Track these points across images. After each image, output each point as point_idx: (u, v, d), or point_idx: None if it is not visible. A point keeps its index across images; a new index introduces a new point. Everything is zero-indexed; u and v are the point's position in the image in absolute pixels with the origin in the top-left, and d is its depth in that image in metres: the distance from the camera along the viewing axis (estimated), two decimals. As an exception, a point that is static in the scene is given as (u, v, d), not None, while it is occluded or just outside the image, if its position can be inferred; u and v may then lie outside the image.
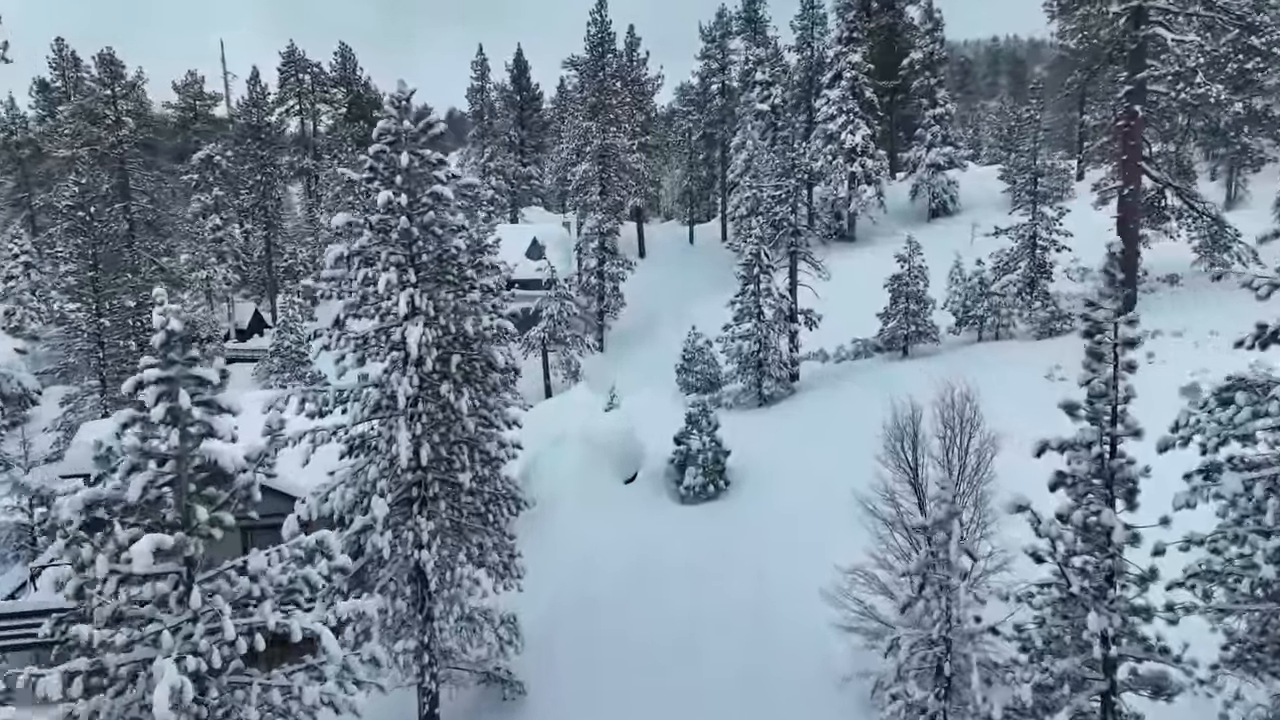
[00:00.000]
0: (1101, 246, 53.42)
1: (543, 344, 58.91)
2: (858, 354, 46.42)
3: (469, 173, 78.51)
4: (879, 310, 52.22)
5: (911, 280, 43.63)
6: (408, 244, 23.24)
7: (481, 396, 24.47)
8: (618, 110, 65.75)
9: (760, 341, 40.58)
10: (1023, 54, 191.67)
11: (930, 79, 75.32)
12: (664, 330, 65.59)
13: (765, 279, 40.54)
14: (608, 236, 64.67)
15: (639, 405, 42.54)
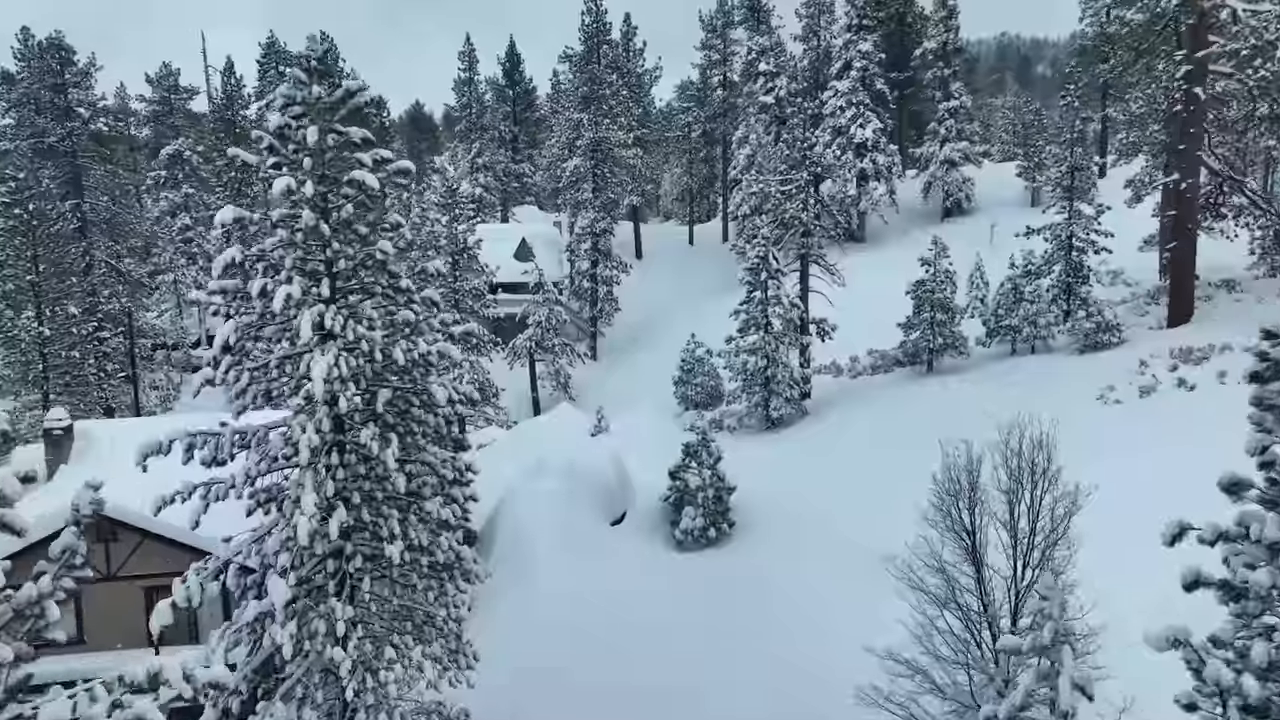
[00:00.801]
0: (1133, 247, 44.76)
1: (529, 353, 53.28)
2: (875, 368, 40.79)
3: (458, 170, 72.82)
4: (898, 319, 46.81)
5: (937, 286, 37.96)
6: (320, 247, 17.58)
7: (418, 443, 18.72)
8: (611, 101, 60.18)
9: (768, 356, 34.98)
10: (1026, 51, 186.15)
11: (944, 70, 69.58)
12: (662, 337, 60.02)
13: (774, 285, 34.93)
14: (601, 237, 59.07)
15: (630, 427, 36.93)
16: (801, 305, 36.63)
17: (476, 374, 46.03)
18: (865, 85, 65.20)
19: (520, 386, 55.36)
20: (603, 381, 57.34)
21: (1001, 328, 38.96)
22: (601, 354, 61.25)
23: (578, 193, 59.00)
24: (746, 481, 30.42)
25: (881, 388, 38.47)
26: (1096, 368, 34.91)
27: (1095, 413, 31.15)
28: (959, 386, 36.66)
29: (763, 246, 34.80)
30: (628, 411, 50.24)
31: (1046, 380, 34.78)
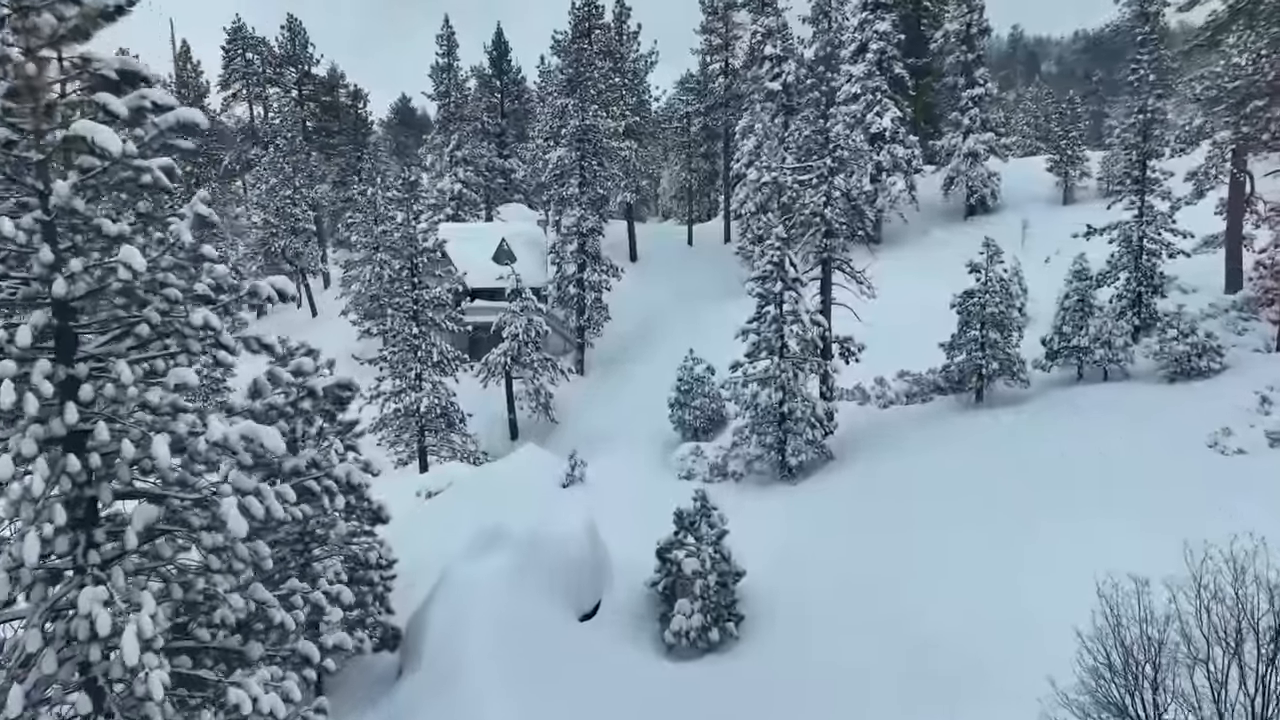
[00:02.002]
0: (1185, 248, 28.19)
1: (505, 370, 45.29)
2: (911, 396, 32.79)
3: (439, 165, 64.76)
4: (928, 334, 38.90)
5: (991, 298, 29.95)
6: (18, 254, 9.73)
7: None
8: (601, 85, 52.17)
9: (784, 387, 26.94)
10: (1032, 48, 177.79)
11: (967, 54, 61.39)
12: (657, 348, 52.04)
13: (791, 298, 26.88)
14: (589, 237, 51.05)
15: (612, 474, 29.01)
16: (825, 323, 28.56)
17: (437, 399, 38.19)
18: (883, 70, 57.12)
19: (495, 407, 47.43)
20: (590, 400, 49.37)
21: (1067, 348, 30.88)
22: (590, 368, 53.25)
23: (563, 187, 50.97)
24: (758, 555, 22.53)
25: (921, 423, 30.43)
26: (1197, 402, 26.91)
27: (1214, 467, 23.23)
28: (1019, 423, 28.70)
29: (777, 250, 26.79)
30: (612, 446, 42.48)
31: (1133, 418, 26.78)
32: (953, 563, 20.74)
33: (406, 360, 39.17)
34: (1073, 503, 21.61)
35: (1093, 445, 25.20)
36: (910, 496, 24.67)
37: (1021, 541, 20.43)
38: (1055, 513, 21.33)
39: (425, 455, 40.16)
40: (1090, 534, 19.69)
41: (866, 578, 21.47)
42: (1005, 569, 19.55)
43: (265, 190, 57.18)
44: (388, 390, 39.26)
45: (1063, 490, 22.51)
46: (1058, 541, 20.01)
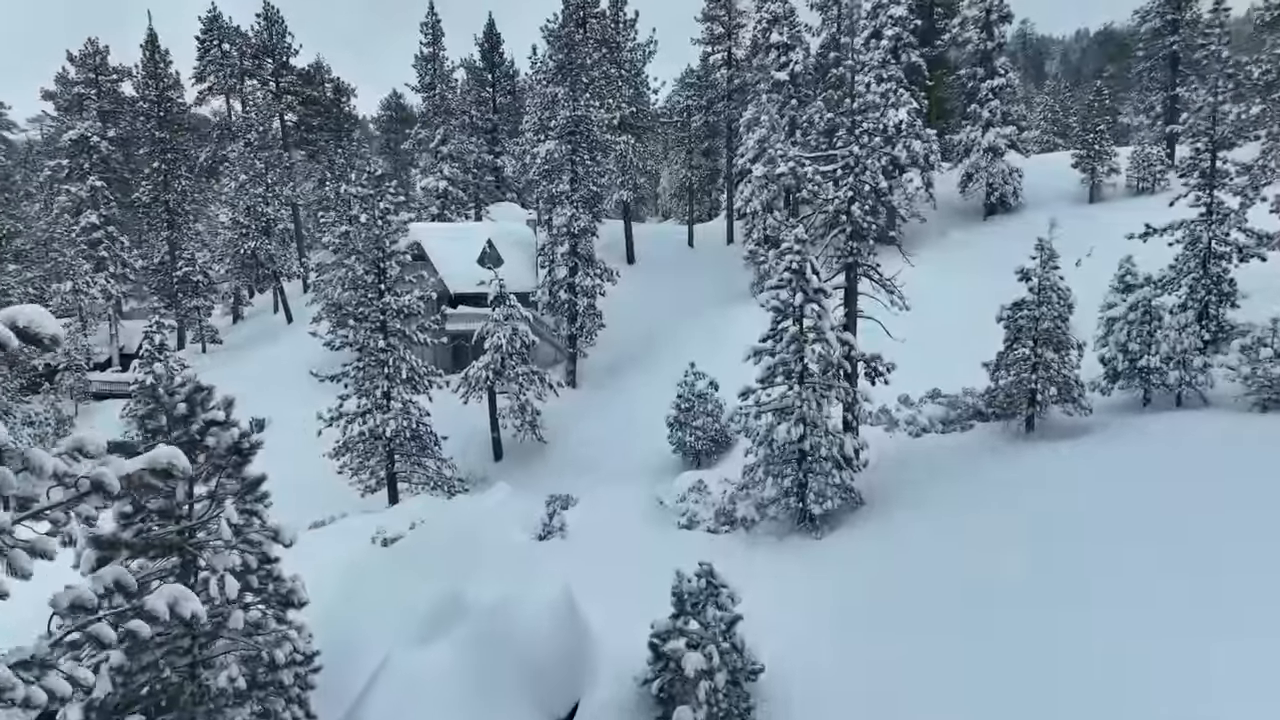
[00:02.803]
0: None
1: (487, 385, 40.25)
2: (947, 423, 27.77)
3: (423, 162, 59.64)
4: (965, 350, 34.03)
5: (1046, 311, 24.92)
6: None
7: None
8: (594, 73, 47.07)
9: (804, 419, 21.83)
10: (1037, 46, 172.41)
11: (988, 42, 56.30)
12: (655, 358, 47.14)
13: (814, 312, 21.80)
14: (581, 238, 45.99)
15: (598, 521, 23.87)
16: (852, 340, 23.45)
17: (407, 421, 33.18)
18: (898, 58, 51.97)
19: (477, 425, 42.40)
20: (582, 416, 44.37)
21: (1134, 369, 25.82)
22: (582, 380, 48.22)
23: (553, 184, 45.89)
24: (774, 631, 17.52)
25: (963, 456, 25.32)
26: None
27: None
28: (1086, 459, 23.63)
29: (797, 254, 21.71)
30: (604, 470, 37.51)
31: (1226, 457, 21.65)
32: (1035, 665, 15.68)
33: (373, 376, 34.13)
34: (1208, 587, 15.96)
35: (1190, 491, 20.08)
36: (970, 565, 19.57)
37: (1139, 644, 15.30)
38: (1182, 595, 16.02)
39: (395, 483, 35.16)
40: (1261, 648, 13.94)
41: (924, 674, 16.40)
42: (1120, 687, 14.42)
43: (234, 187, 52.11)
44: (350, 411, 34.21)
45: (1181, 561, 17.35)
46: (1204, 648, 14.34)
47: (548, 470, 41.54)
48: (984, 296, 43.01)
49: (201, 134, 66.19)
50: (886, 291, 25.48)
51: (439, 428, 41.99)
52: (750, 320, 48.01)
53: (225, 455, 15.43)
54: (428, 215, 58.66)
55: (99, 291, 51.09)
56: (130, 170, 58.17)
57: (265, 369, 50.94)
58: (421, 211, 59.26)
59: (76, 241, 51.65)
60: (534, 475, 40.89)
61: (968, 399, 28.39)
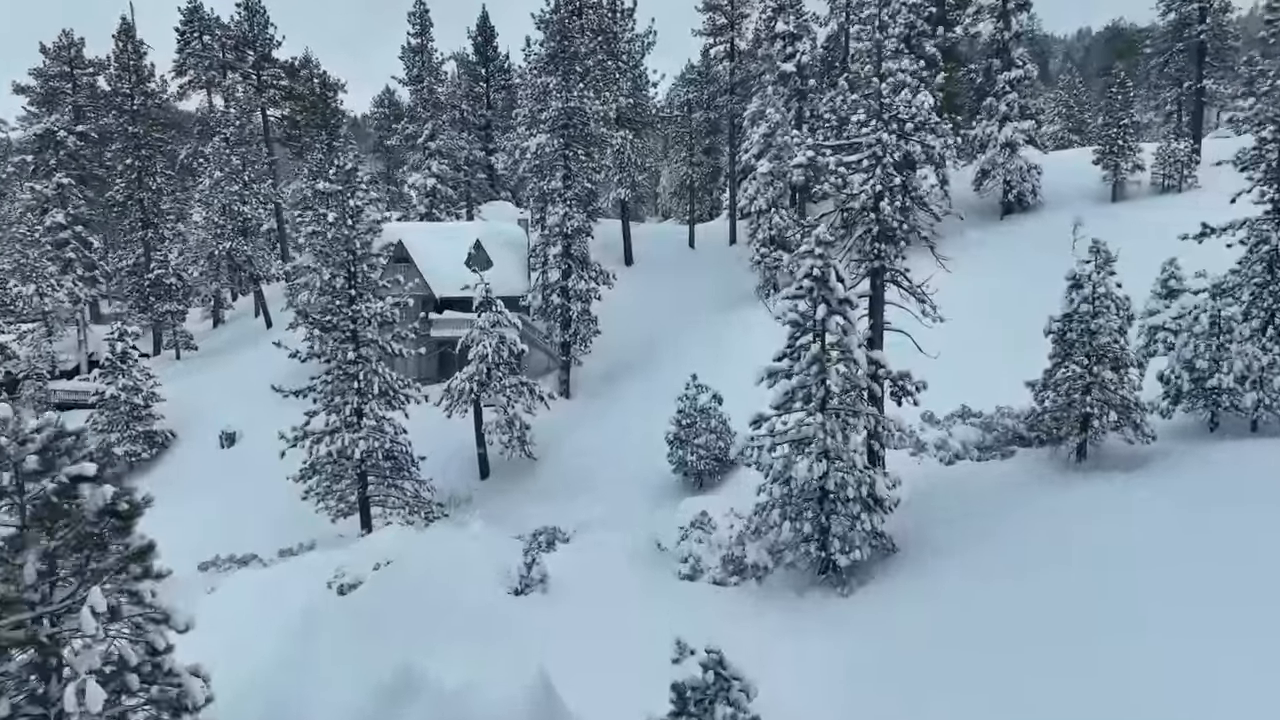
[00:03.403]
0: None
1: (472, 398, 36.68)
2: (984, 449, 24.21)
3: (414, 159, 56.00)
4: (990, 360, 30.65)
5: (1107, 324, 21.32)
6: None
7: None
8: (588, 62, 43.48)
9: (827, 453, 18.18)
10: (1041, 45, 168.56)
11: (1004, 32, 52.63)
12: (655, 366, 43.55)
13: (839, 326, 18.17)
14: (575, 238, 42.40)
15: (583, 567, 20.23)
16: (882, 360, 19.80)
17: (380, 440, 29.63)
18: (912, 48, 48.21)
19: (461, 439, 38.80)
20: (575, 428, 40.80)
21: (1203, 390, 22.17)
22: (576, 390, 44.60)
23: (544, 180, 42.25)
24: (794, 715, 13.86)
25: (1007, 490, 21.68)
26: None
27: None
28: (1148, 495, 20.02)
29: (819, 259, 18.09)
30: (597, 492, 33.98)
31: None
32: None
33: (342, 391, 30.54)
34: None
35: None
36: (1029, 631, 15.93)
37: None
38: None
39: (367, 507, 31.59)
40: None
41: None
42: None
43: (209, 185, 48.49)
44: (317, 429, 30.61)
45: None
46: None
47: (538, 489, 37.96)
48: (1007, 301, 39.54)
49: (185, 130, 62.55)
50: (917, 300, 21.88)
51: (421, 443, 38.40)
52: (756, 326, 44.43)
53: (96, 521, 11.82)
54: (416, 214, 55.07)
55: (65, 295, 47.52)
56: (103, 167, 54.58)
57: (241, 377, 47.25)
58: (410, 210, 55.66)
59: (41, 242, 48.05)
60: (522, 495, 37.31)
61: (1005, 420, 24.77)
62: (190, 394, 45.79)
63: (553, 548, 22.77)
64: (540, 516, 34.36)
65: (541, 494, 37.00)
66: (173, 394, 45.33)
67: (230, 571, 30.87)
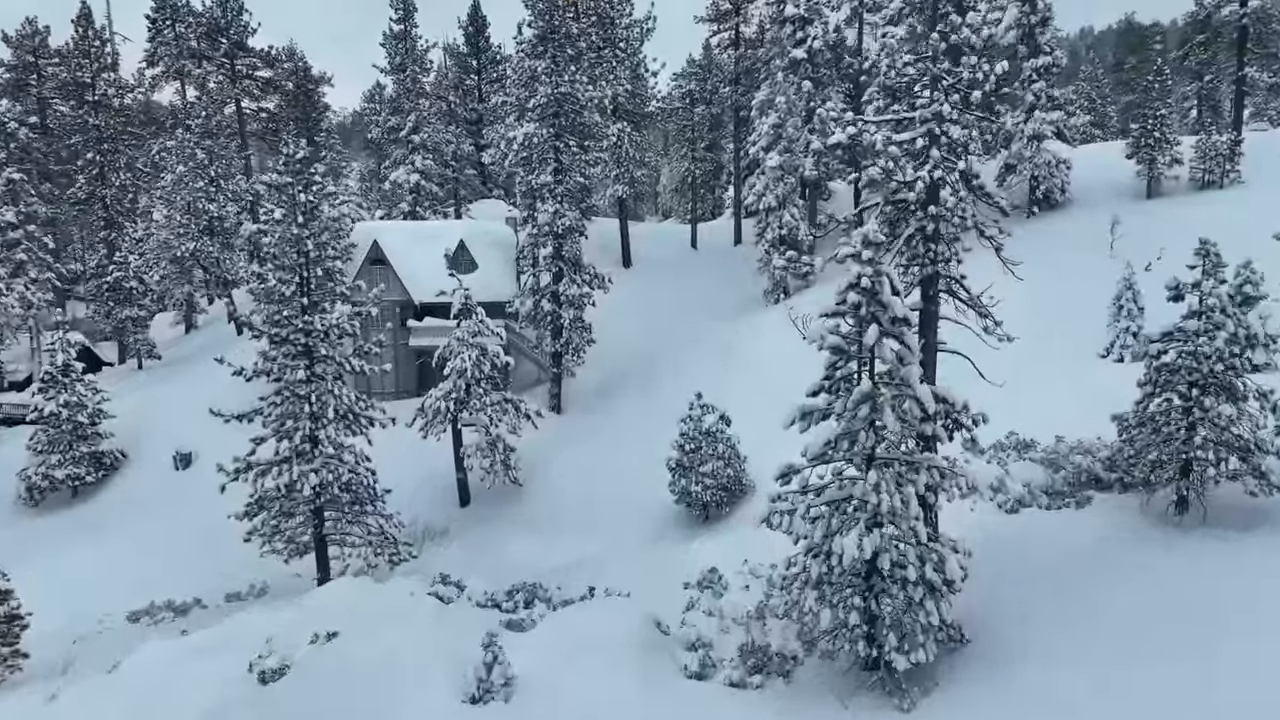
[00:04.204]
0: None
1: (449, 417, 32.06)
2: (1053, 493, 19.51)
3: (398, 154, 51.30)
4: (1034, 376, 26.25)
5: (1227, 348, 16.60)
6: None
7: None
8: (581, 44, 38.80)
9: (879, 516, 13.47)
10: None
11: (1030, 16, 47.83)
12: (655, 381, 38.97)
13: (894, 353, 13.45)
14: (566, 238, 37.76)
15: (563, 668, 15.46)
16: (952, 398, 15.09)
17: (337, 471, 25.02)
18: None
19: (439, 462, 34.19)
20: (566, 448, 36.17)
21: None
22: (568, 404, 39.96)
23: (533, 174, 37.56)
24: None
25: (1092, 551, 17.03)
26: None
27: None
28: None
29: (868, 264, 13.42)
30: (588, 529, 29.48)
31: None
32: None
33: (294, 415, 25.88)
34: None
35: None
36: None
37: None
38: None
39: (324, 547, 26.99)
40: None
41: None
42: None
43: (171, 181, 43.81)
44: (264, 460, 25.96)
45: None
46: None
47: (524, 517, 33.32)
48: (1043, 307, 34.73)
49: (161, 125, 57.77)
50: (978, 314, 17.19)
51: (394, 466, 33.72)
52: (766, 333, 39.69)
53: None
54: (400, 213, 50.43)
55: (16, 299, 42.89)
56: (60, 162, 49.92)
57: (204, 390, 42.43)
58: (393, 209, 51.01)
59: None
60: (506, 525, 32.67)
61: (1075, 457, 20.05)
62: (148, 408, 41.13)
63: (524, 627, 18.02)
64: (524, 552, 29.76)
65: (527, 524, 32.40)
66: (128, 408, 40.69)
67: (164, 623, 26.28)
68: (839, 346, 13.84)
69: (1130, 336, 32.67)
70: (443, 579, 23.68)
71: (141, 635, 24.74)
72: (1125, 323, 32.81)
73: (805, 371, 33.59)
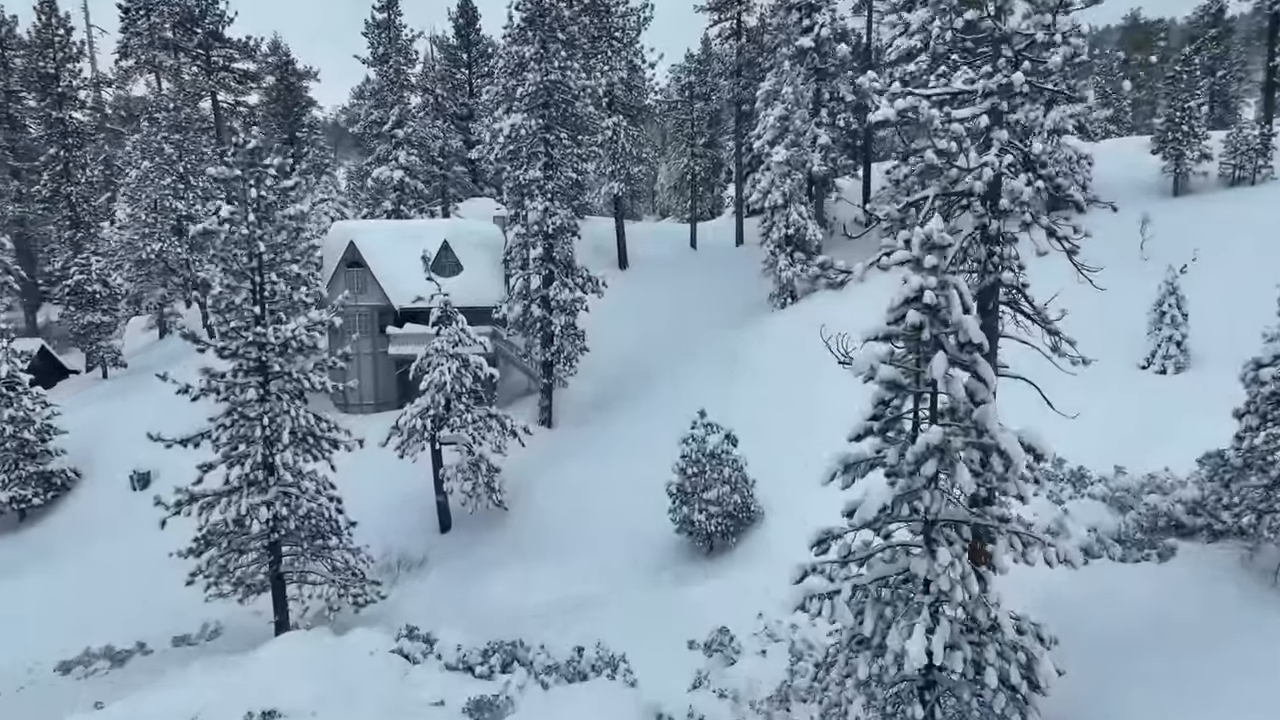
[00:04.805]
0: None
1: (428, 436, 28.71)
2: (1127, 541, 16.11)
3: (382, 150, 47.83)
4: (1073, 396, 22.64)
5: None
6: None
7: None
8: (573, 28, 35.45)
9: (940, 604, 10.06)
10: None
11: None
12: (653, 393, 35.70)
13: (961, 387, 10.06)
14: (557, 238, 34.42)
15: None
16: (1040, 447, 11.70)
17: (294, 502, 21.65)
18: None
19: (417, 484, 30.83)
20: (556, 467, 32.80)
21: None
22: (559, 418, 36.58)
23: (520, 169, 34.17)
24: None
25: (1192, 619, 13.56)
26: None
27: None
28: None
29: (931, 273, 10.01)
30: (577, 566, 26.33)
31: None
32: None
33: (248, 438, 22.53)
34: None
35: None
36: None
37: None
38: None
39: (282, 587, 23.63)
40: None
41: None
42: None
43: (136, 177, 40.38)
44: (210, 491, 22.59)
45: None
46: None
47: (509, 544, 29.97)
48: (1073, 313, 31.67)
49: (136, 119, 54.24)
50: (1047, 332, 13.93)
51: (369, 486, 30.41)
52: (771, 340, 36.14)
53: None
54: (382, 211, 47.02)
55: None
56: (31, 157, 46.46)
57: (172, 401, 38.98)
58: (375, 207, 47.60)
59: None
60: (489, 553, 29.32)
61: (1150, 497, 16.73)
62: (108, 421, 37.69)
63: (499, 710, 14.73)
64: (507, 589, 26.41)
65: (513, 552, 29.06)
66: (86, 421, 37.31)
67: (97, 675, 22.92)
68: (894, 381, 10.51)
69: (1174, 346, 29.46)
70: (409, 632, 20.30)
71: (70, 693, 21.41)
72: (1168, 331, 29.57)
73: (818, 384, 30.09)
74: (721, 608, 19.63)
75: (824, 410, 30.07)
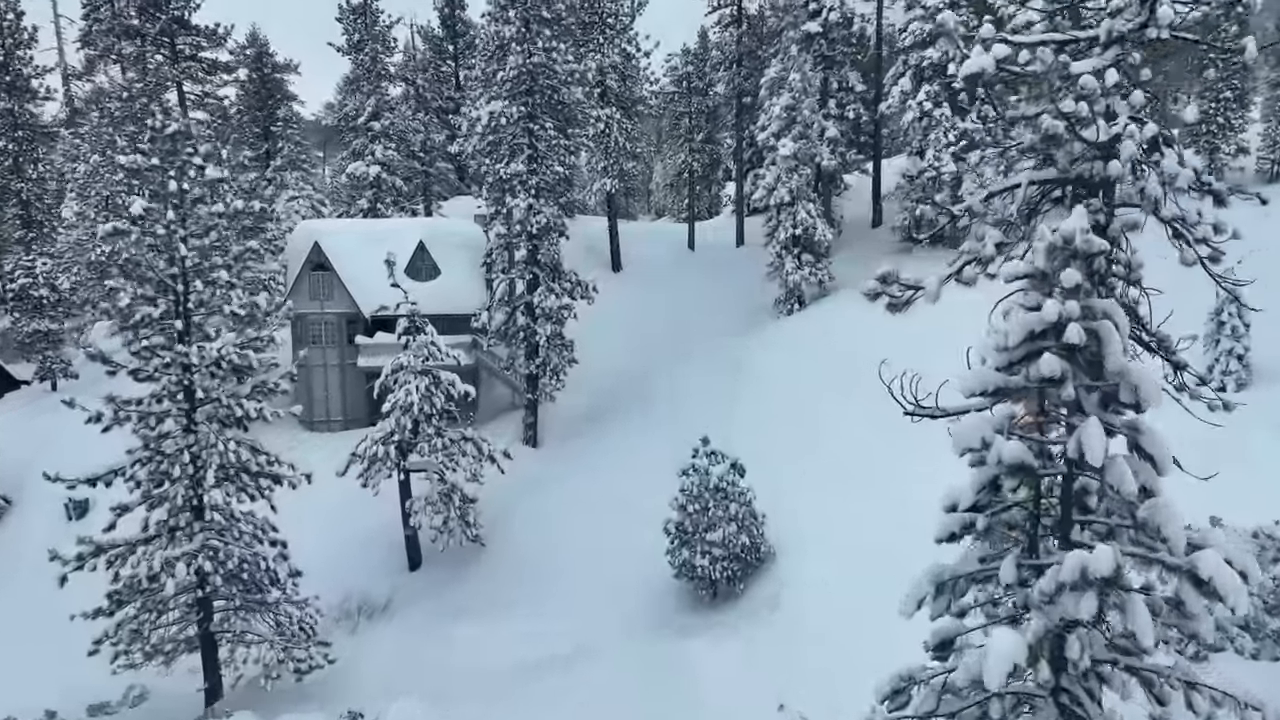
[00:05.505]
0: None
1: (394, 463, 24.82)
2: (1259, 633, 11.98)
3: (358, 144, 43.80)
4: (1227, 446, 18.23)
5: None
6: None
7: None
8: (560, 8, 31.48)
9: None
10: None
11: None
12: (650, 406, 31.94)
13: (1131, 476, 6.18)
14: (544, 239, 30.54)
15: None
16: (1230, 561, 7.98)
17: (225, 551, 17.73)
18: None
19: (383, 516, 26.85)
20: (540, 493, 28.98)
21: None
22: (545, 436, 32.73)
23: (502, 163, 30.25)
24: None
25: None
26: None
27: None
28: None
29: (1073, 297, 6.14)
30: (559, 624, 22.48)
31: None
32: None
33: (169, 476, 18.65)
34: None
35: None
36: None
37: None
38: None
39: (214, 648, 19.74)
40: None
41: None
42: None
43: (85, 173, 36.35)
44: (121, 541, 18.72)
45: None
46: None
47: (484, 584, 26.10)
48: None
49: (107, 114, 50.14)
50: (1173, 366, 10.19)
51: (329, 519, 26.74)
52: (777, 349, 32.33)
53: None
54: (358, 210, 43.08)
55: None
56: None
57: (121, 416, 34.92)
58: (350, 205, 43.65)
59: None
60: (461, 595, 25.43)
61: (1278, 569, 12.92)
62: (49, 440, 33.59)
63: None
64: (478, 644, 22.49)
65: (488, 594, 25.23)
66: (24, 437, 33.40)
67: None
68: (1023, 464, 6.70)
69: (1235, 360, 25.73)
70: (351, 717, 16.38)
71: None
72: (1228, 343, 25.82)
73: (832, 399, 26.23)
74: (729, 680, 15.92)
75: (839, 429, 26.36)
